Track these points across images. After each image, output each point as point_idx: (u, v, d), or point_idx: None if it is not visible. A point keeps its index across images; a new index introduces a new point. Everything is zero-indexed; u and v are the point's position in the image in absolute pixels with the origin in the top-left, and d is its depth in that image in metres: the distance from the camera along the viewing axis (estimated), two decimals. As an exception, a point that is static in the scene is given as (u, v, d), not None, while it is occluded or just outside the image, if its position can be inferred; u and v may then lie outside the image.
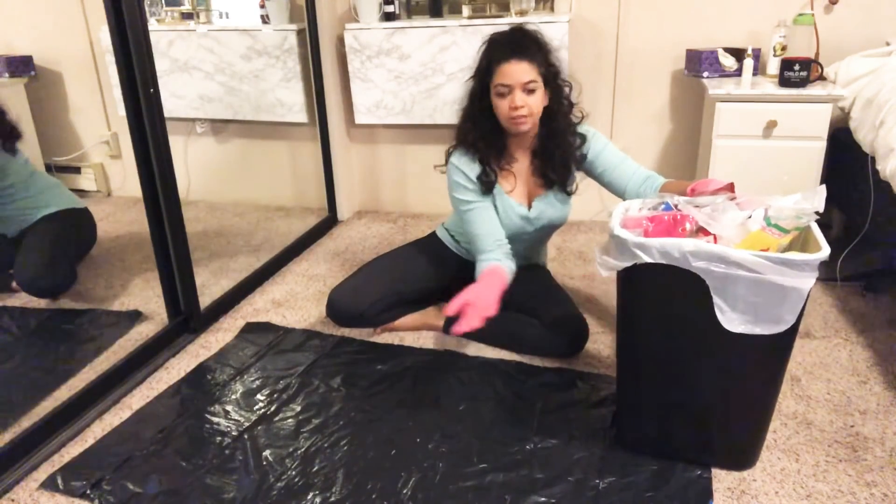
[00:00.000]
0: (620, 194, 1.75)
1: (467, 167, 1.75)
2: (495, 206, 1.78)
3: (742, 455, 1.39)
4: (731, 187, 1.41)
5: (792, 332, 1.22)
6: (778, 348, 1.26)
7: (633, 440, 1.45)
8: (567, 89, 1.73)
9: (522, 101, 1.62)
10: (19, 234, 2.39)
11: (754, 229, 1.26)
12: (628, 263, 1.26)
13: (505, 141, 1.76)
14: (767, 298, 1.18)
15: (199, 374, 1.83)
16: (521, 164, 1.80)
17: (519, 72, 1.62)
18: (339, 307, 1.94)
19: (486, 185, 1.75)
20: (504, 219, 1.79)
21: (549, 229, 1.89)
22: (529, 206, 1.81)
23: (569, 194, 1.83)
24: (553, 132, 1.73)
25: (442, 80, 2.64)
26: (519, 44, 1.65)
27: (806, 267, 1.14)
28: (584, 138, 1.76)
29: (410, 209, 3.09)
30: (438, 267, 1.99)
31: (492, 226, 1.75)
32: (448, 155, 1.80)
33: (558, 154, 1.74)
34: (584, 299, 2.16)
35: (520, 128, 1.67)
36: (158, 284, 1.99)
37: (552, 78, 1.68)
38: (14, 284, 2.29)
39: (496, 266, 1.68)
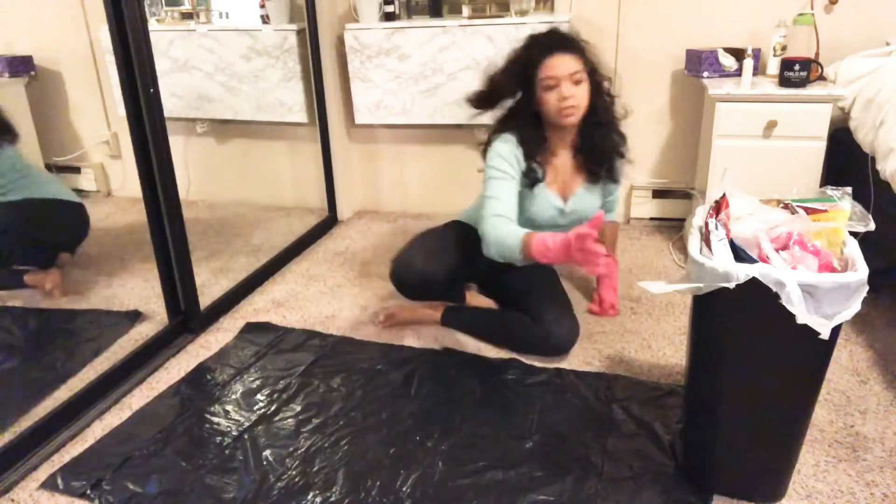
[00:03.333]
0: None
1: (517, 150, 1.74)
2: (530, 196, 1.78)
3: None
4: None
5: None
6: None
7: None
8: (606, 83, 1.75)
9: (570, 92, 1.66)
10: None
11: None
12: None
13: (545, 136, 1.78)
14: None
15: (199, 374, 1.83)
16: (562, 159, 1.82)
17: (564, 63, 1.66)
18: (414, 272, 1.80)
19: (532, 180, 1.77)
20: (540, 210, 1.81)
21: (577, 223, 1.88)
22: (565, 201, 1.84)
23: (616, 182, 1.88)
24: (595, 126, 1.75)
25: (442, 80, 2.63)
26: (560, 39, 1.70)
27: None
28: (624, 137, 1.81)
29: (410, 209, 3.09)
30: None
31: (510, 199, 1.72)
32: (488, 142, 1.79)
33: (600, 148, 1.78)
34: (583, 299, 2.16)
35: (569, 119, 1.70)
36: (158, 284, 1.99)
37: (591, 72, 1.72)
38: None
39: (534, 234, 1.59)
